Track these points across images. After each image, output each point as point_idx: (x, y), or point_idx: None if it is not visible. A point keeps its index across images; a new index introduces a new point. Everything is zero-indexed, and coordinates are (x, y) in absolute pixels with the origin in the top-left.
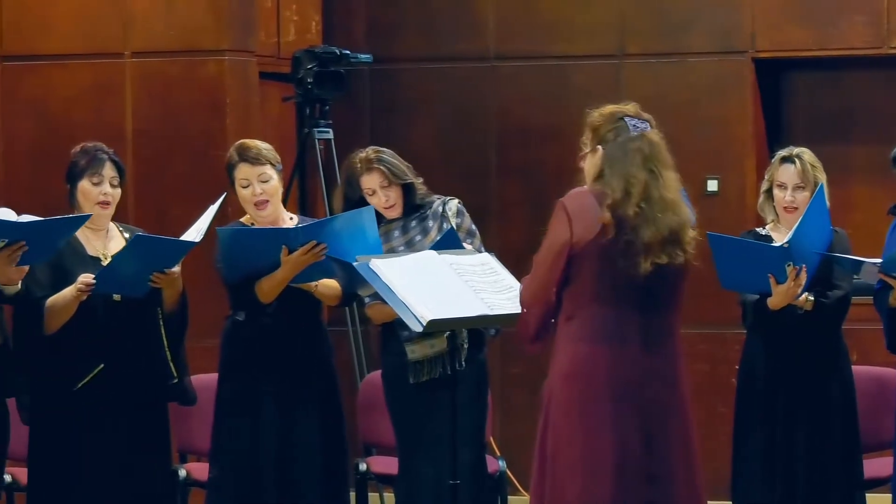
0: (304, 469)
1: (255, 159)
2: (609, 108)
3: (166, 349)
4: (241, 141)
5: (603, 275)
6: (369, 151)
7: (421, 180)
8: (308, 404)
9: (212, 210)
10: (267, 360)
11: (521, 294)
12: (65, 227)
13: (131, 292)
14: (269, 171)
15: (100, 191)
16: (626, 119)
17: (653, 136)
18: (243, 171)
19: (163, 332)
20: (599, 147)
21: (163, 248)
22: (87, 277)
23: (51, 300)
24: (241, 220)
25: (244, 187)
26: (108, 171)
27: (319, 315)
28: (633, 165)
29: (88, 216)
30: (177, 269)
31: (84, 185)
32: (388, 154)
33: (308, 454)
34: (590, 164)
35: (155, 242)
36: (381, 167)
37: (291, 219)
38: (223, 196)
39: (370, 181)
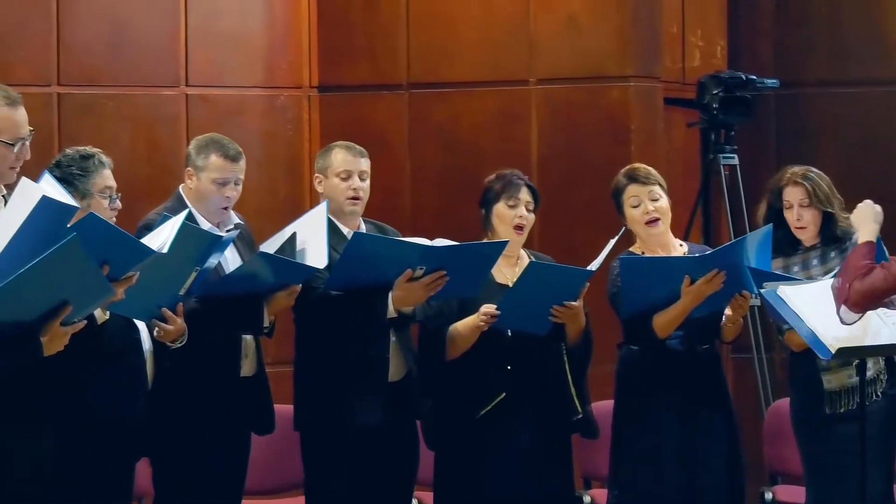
0: (710, 496)
1: (646, 178)
2: None
3: (570, 385)
4: (627, 166)
5: None
6: (803, 168)
7: (846, 215)
8: (710, 430)
9: (610, 244)
10: (666, 388)
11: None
12: (483, 253)
13: (534, 328)
14: (659, 191)
15: (515, 213)
16: None
17: None
18: (633, 191)
19: (567, 367)
20: None
21: (558, 276)
22: (489, 308)
23: (454, 327)
24: (630, 248)
25: (634, 206)
26: (524, 195)
27: (715, 339)
28: None
29: (506, 242)
30: (578, 302)
31: (499, 208)
32: (819, 176)
33: (713, 481)
34: None
35: (550, 270)
36: (807, 184)
37: (681, 245)
38: (623, 230)
39: (791, 194)
